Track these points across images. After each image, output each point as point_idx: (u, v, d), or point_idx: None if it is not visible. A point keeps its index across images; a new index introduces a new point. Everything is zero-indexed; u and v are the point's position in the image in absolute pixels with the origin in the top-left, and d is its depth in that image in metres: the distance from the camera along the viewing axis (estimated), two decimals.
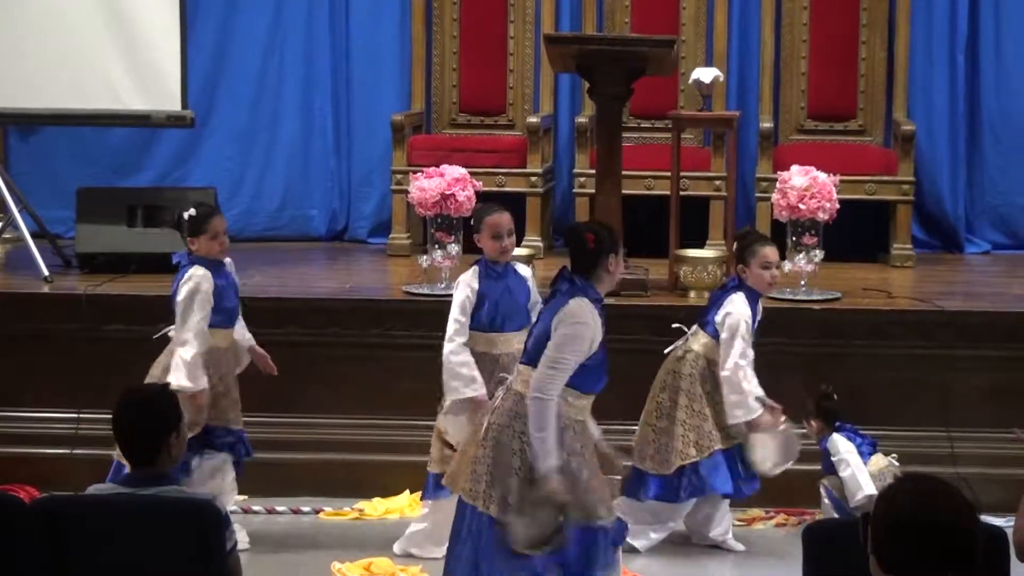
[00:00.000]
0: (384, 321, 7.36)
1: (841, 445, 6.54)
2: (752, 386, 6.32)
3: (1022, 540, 3.91)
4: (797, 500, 6.88)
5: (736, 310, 6.36)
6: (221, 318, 6.33)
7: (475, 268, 6.25)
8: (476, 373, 6.10)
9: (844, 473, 6.50)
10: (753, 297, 6.45)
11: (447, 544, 5.37)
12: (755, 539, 6.71)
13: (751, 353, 6.36)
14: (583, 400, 5.15)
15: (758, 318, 6.49)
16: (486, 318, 6.18)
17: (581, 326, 5.01)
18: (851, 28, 9.13)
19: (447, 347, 6.15)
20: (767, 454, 6.36)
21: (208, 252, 6.32)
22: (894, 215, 8.74)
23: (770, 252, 6.47)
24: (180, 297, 6.23)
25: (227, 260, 6.46)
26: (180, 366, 6.11)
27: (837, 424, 6.62)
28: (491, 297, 6.19)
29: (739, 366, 6.31)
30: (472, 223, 6.39)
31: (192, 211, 6.35)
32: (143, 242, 8.09)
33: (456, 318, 6.19)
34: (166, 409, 4.35)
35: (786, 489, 6.88)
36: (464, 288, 6.21)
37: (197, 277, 6.24)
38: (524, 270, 6.38)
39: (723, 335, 6.35)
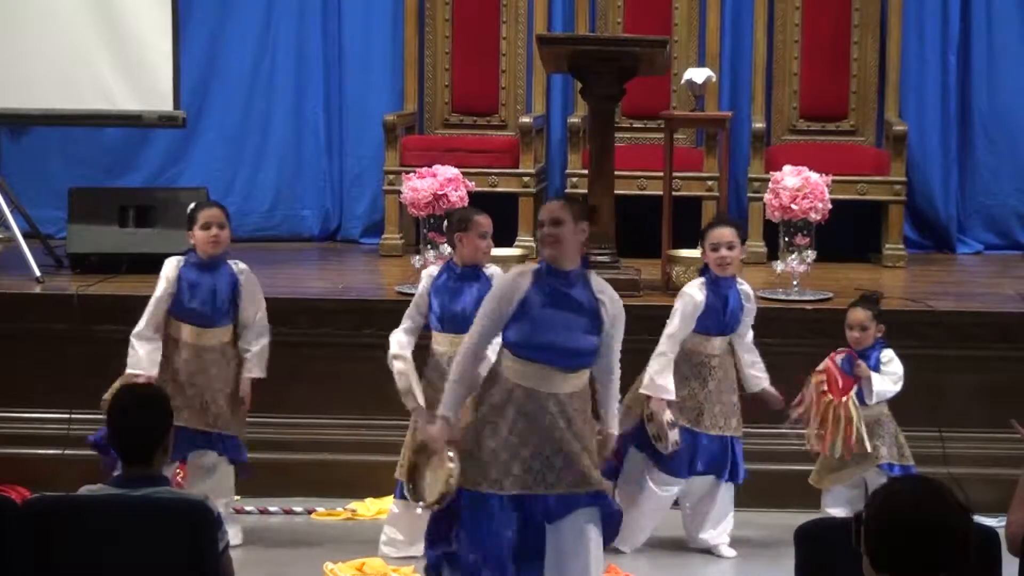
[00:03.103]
0: (376, 321, 7.36)
1: (897, 361, 6.51)
2: (655, 367, 6.32)
3: (1014, 535, 3.93)
4: (791, 501, 6.88)
5: (686, 291, 6.43)
6: (188, 315, 6.35)
7: (440, 269, 6.23)
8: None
9: (884, 383, 6.45)
10: (713, 281, 6.42)
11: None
12: (748, 540, 6.71)
13: (682, 334, 6.36)
14: (520, 365, 5.17)
15: (732, 306, 6.45)
16: (460, 319, 6.03)
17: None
18: (843, 28, 9.14)
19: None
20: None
21: (202, 244, 6.35)
22: (886, 215, 8.76)
23: (717, 233, 6.45)
24: None
25: (236, 264, 6.46)
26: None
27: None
28: (468, 297, 6.12)
29: (662, 341, 6.36)
30: (454, 223, 6.27)
31: (192, 204, 6.49)
32: (135, 242, 8.09)
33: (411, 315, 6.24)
34: (163, 408, 4.35)
35: (781, 490, 6.90)
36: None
37: (167, 263, 6.38)
38: (493, 269, 6.27)
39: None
